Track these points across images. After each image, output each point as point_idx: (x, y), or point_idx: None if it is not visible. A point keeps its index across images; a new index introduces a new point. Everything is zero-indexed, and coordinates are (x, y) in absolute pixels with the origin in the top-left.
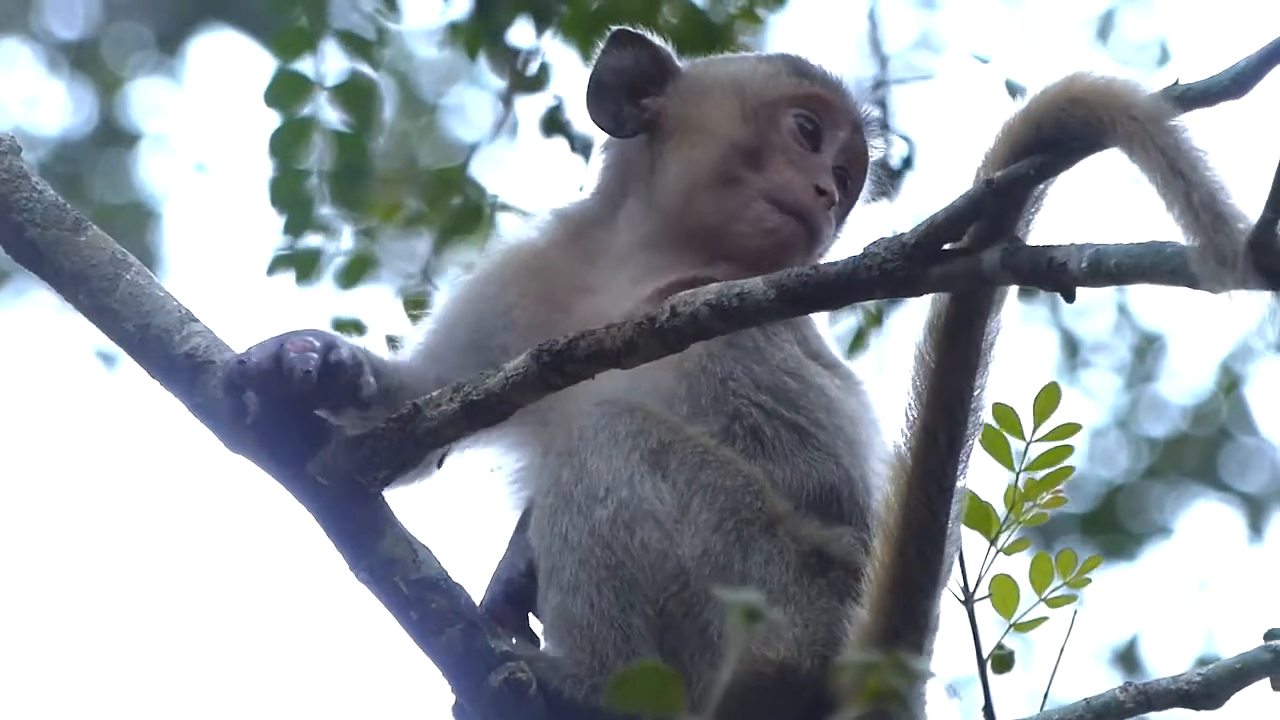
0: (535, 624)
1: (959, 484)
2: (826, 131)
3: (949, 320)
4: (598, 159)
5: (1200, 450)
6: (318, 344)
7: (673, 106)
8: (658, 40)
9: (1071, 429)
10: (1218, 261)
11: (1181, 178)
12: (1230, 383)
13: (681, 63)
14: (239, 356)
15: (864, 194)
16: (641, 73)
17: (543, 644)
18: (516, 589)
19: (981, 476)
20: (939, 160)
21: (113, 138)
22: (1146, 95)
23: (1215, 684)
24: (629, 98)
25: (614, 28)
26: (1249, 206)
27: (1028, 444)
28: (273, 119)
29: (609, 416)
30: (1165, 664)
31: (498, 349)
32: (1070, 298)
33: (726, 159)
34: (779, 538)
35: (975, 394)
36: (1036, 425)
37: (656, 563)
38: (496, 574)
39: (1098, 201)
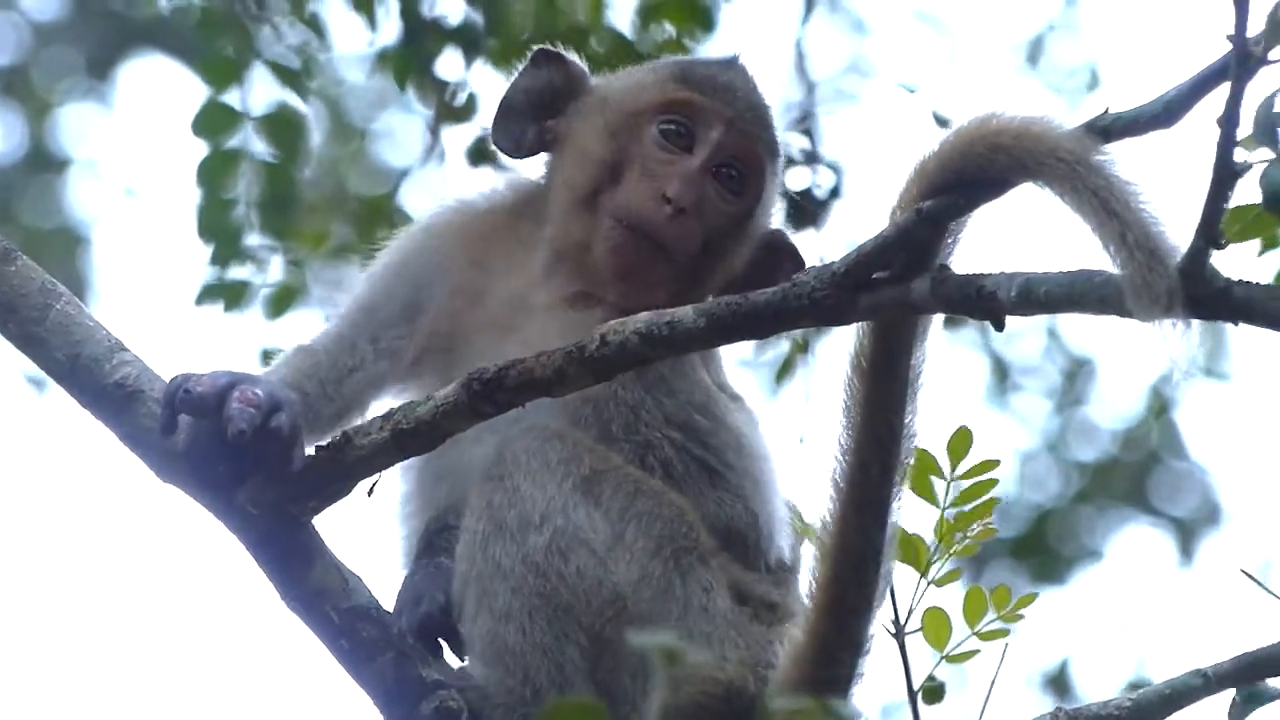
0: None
1: (893, 507)
2: (698, 133)
3: (875, 354)
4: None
5: (1130, 474)
6: (263, 402)
7: (567, 126)
8: (573, 59)
9: (989, 465)
10: (1152, 300)
11: (1115, 217)
12: (1160, 407)
13: (593, 81)
14: (186, 383)
15: (769, 183)
16: (555, 93)
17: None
18: (436, 624)
19: (912, 509)
20: (868, 188)
21: (43, 163)
22: (1069, 134)
23: (1146, 709)
24: (536, 118)
25: (535, 48)
26: (1181, 238)
27: (949, 483)
28: (201, 147)
29: (540, 441)
30: (1096, 688)
31: (426, 303)
32: (1000, 326)
33: (592, 178)
34: (711, 567)
35: (905, 423)
36: (954, 466)
37: (592, 589)
38: (407, 597)
39: (1026, 228)
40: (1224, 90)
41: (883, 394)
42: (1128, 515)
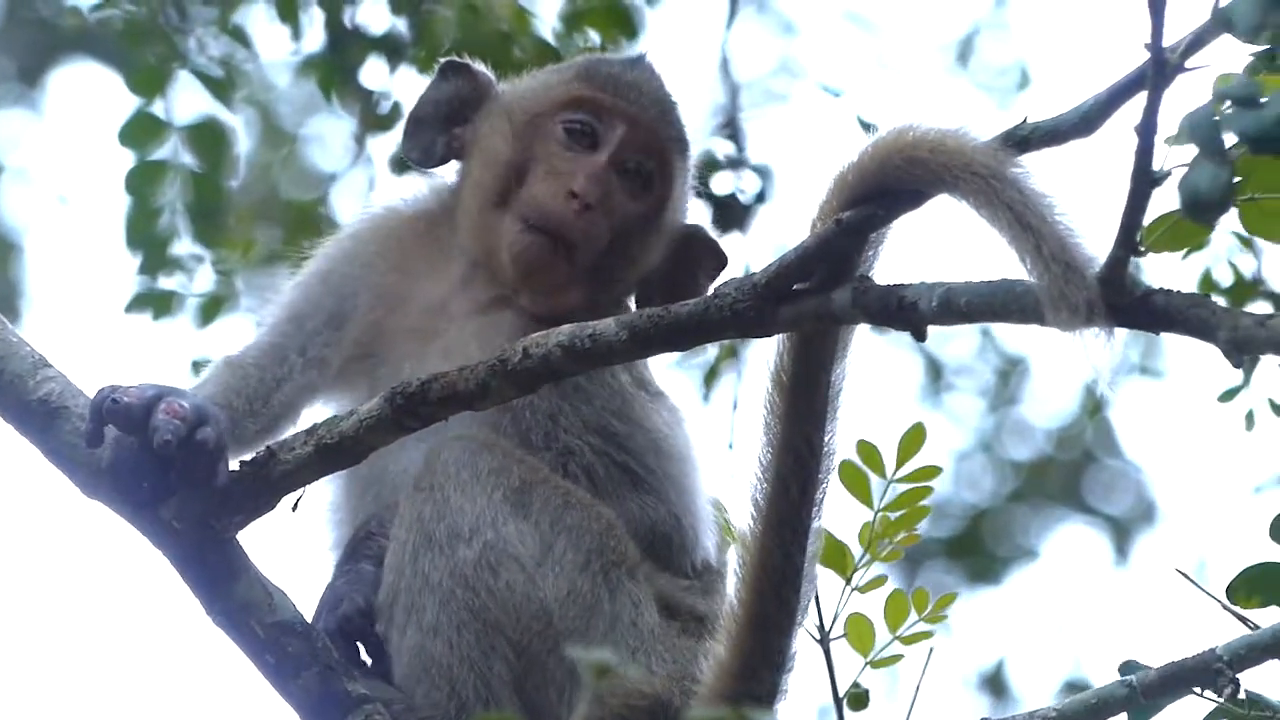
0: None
1: (813, 526)
2: (603, 130)
3: (795, 369)
4: None
5: (1065, 473)
6: (189, 415)
7: (474, 133)
8: (480, 68)
9: (933, 472)
10: (1070, 311)
11: (1030, 230)
12: (1094, 405)
13: (500, 87)
14: (113, 394)
15: (678, 179)
16: (463, 101)
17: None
18: (355, 628)
19: (838, 513)
20: (794, 192)
21: None
22: (984, 148)
23: (1072, 718)
24: (445, 128)
25: (442, 60)
26: (1098, 248)
27: (889, 483)
28: (130, 156)
29: (469, 453)
30: (1032, 688)
31: (351, 311)
32: (921, 337)
33: (497, 180)
34: (639, 580)
35: (824, 441)
36: (900, 464)
37: (520, 604)
38: (327, 600)
39: (949, 237)
40: (1141, 98)
41: (802, 410)
42: (1063, 514)
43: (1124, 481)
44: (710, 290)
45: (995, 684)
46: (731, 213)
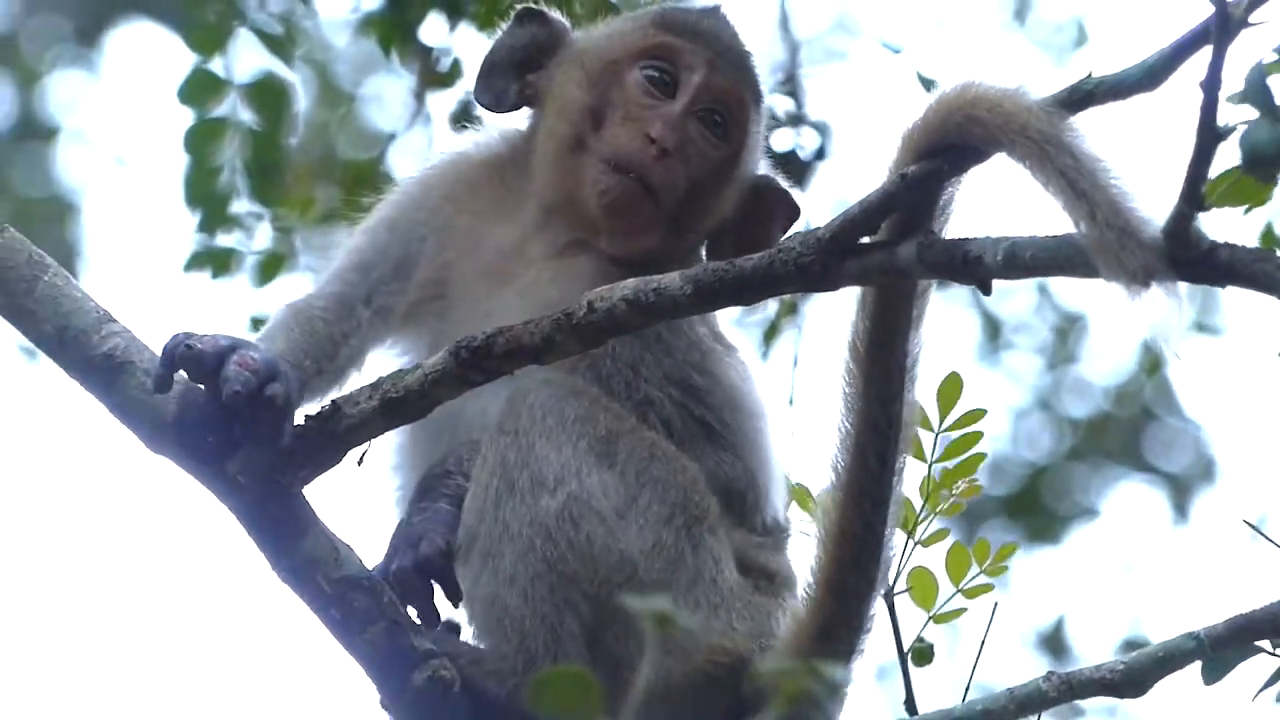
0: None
1: (893, 494)
2: (681, 76)
3: (871, 338)
4: None
5: (1123, 431)
6: (261, 369)
7: (548, 80)
8: (555, 15)
9: (977, 415)
10: (1127, 276)
11: (1083, 196)
12: (1153, 363)
13: (575, 34)
14: (187, 339)
15: (753, 127)
16: (538, 48)
17: (454, 622)
18: (435, 569)
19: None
20: (854, 148)
21: (32, 132)
22: (1039, 111)
23: (1139, 672)
24: (519, 75)
25: (520, 6)
26: (1155, 210)
27: (937, 435)
28: (188, 115)
29: (556, 399)
30: (1091, 647)
31: (419, 256)
32: (987, 290)
33: (574, 126)
34: (720, 536)
35: (902, 411)
36: (943, 416)
37: (600, 556)
38: (404, 537)
39: (1013, 191)
40: (1206, 53)
41: (879, 380)
42: (1121, 472)
43: (1183, 439)
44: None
45: (1054, 643)
46: (791, 169)
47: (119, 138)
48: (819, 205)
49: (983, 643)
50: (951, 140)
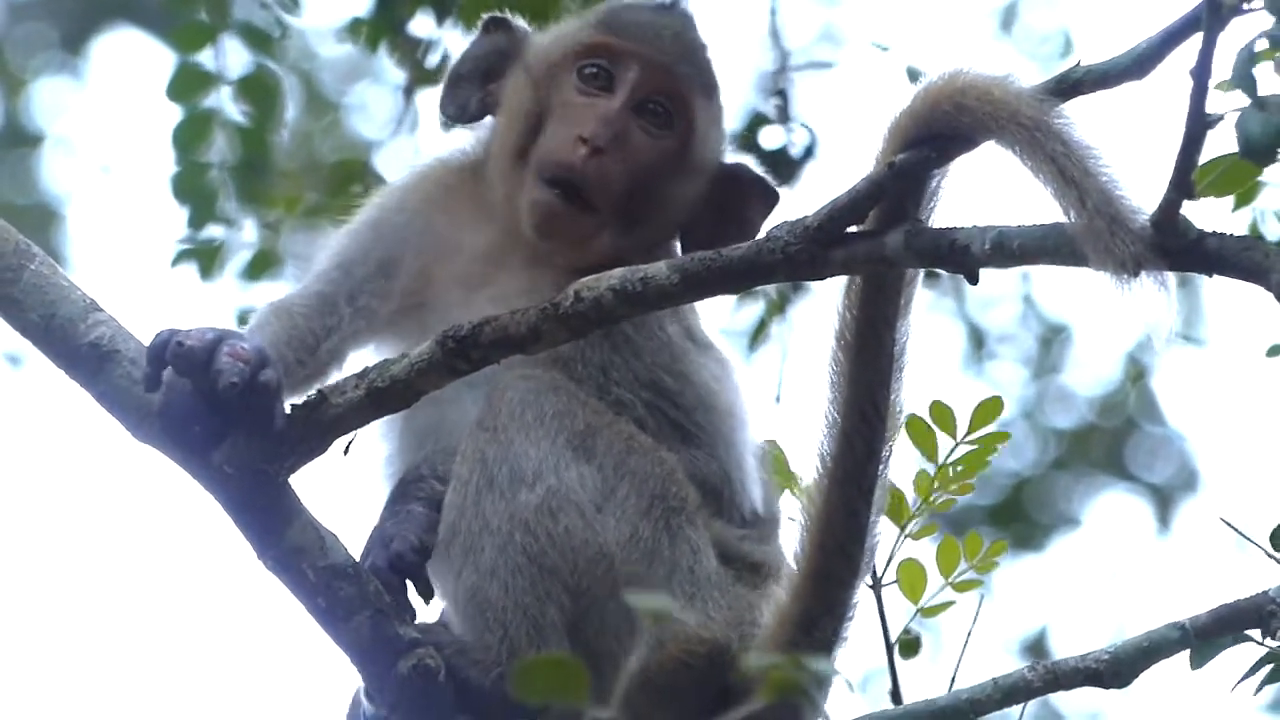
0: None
1: (879, 482)
2: (617, 74)
3: (858, 327)
4: None
5: (1107, 441)
6: (252, 357)
7: (504, 88)
8: (519, 24)
9: (1001, 437)
10: (1116, 264)
11: (1073, 183)
12: (1137, 373)
13: (534, 40)
14: (174, 336)
15: (702, 116)
16: (501, 57)
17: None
18: (407, 565)
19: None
20: (843, 149)
21: (17, 139)
22: (1029, 98)
23: (1123, 662)
24: (482, 84)
25: (486, 16)
26: (1145, 199)
27: (957, 443)
28: (175, 115)
29: (534, 394)
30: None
31: (401, 259)
32: (974, 280)
33: (518, 135)
34: (698, 526)
35: (889, 399)
36: (972, 430)
37: (579, 548)
38: (378, 537)
39: (999, 179)
40: (1196, 41)
41: (867, 369)
42: (1105, 482)
43: (1166, 449)
44: (762, 228)
45: (1038, 651)
46: (782, 166)
47: (104, 145)
48: (807, 205)
49: (969, 634)
50: (939, 128)
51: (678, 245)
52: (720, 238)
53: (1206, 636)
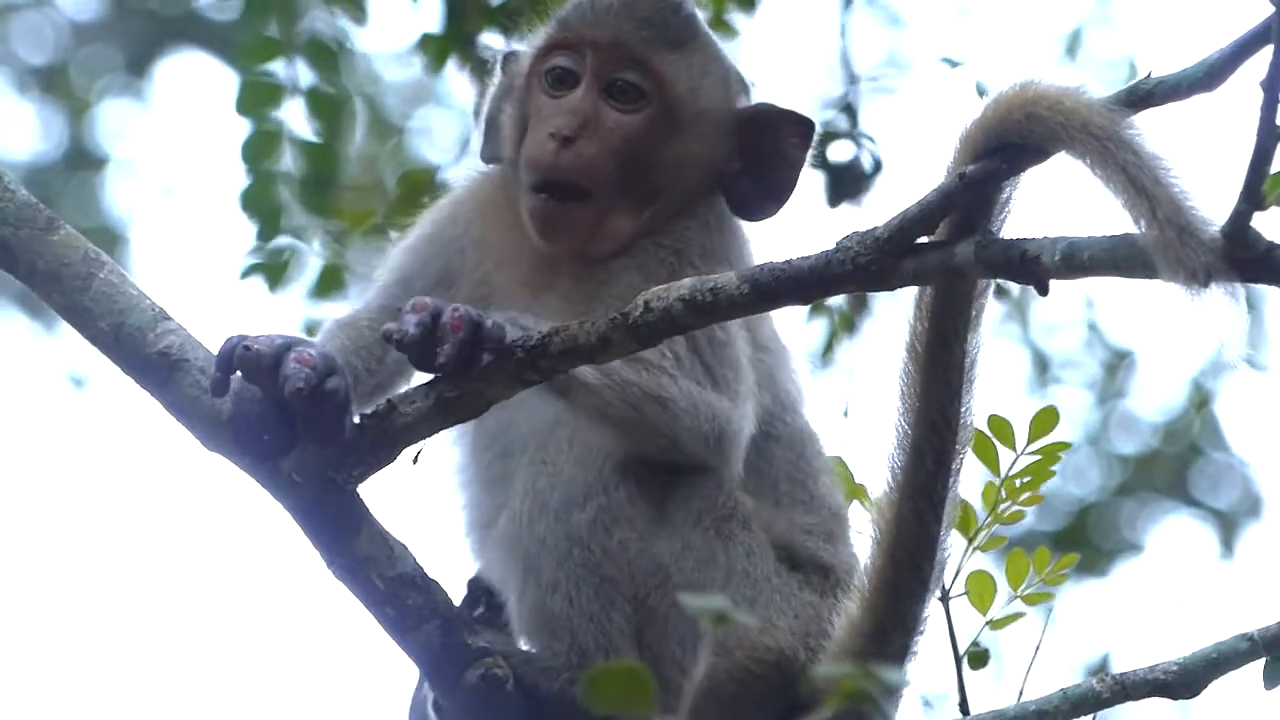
0: None
1: (949, 495)
2: (577, 66)
3: (929, 340)
4: None
5: (1171, 467)
6: (320, 364)
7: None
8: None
9: (1062, 446)
10: (1187, 274)
11: (1144, 194)
12: (1201, 399)
13: None
14: (243, 341)
15: (673, 72)
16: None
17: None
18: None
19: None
20: (911, 163)
21: (81, 161)
22: (1100, 108)
23: (1192, 673)
24: None
25: (503, 52)
26: (1216, 210)
27: (1018, 455)
28: (239, 135)
29: (584, 429)
30: None
31: (460, 269)
32: (1044, 291)
33: (512, 151)
34: (754, 531)
35: (959, 412)
36: (1031, 440)
37: (635, 559)
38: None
39: (1069, 190)
40: (1266, 53)
41: (937, 381)
42: (1169, 508)
43: (1230, 475)
44: (806, 159)
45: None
46: (851, 180)
47: (168, 167)
48: (875, 219)
49: (1038, 646)
50: (1010, 139)
51: (722, 202)
52: (764, 181)
53: (1275, 648)
